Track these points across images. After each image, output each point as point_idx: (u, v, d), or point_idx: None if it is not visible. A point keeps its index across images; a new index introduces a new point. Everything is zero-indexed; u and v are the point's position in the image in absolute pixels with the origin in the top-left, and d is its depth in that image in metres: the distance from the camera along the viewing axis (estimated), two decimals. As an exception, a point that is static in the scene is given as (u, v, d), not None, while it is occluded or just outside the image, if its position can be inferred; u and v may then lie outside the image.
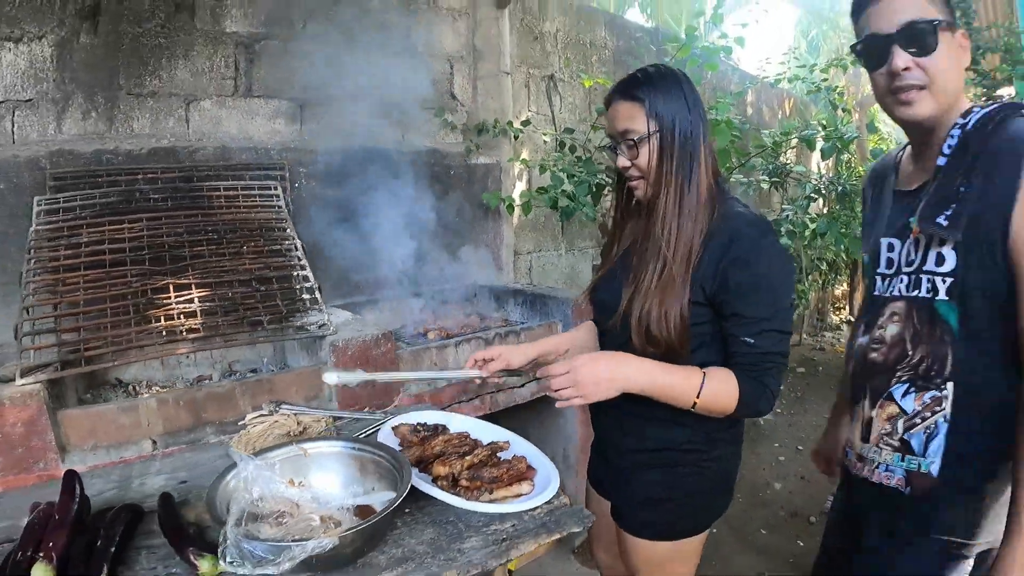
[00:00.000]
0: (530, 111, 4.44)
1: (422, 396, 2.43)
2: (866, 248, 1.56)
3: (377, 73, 3.33)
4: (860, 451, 1.47)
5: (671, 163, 1.48)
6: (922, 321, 1.33)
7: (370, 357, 2.26)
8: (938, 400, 1.31)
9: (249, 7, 3.01)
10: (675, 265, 1.46)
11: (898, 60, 1.28)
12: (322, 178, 3.14)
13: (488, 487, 1.43)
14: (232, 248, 2.35)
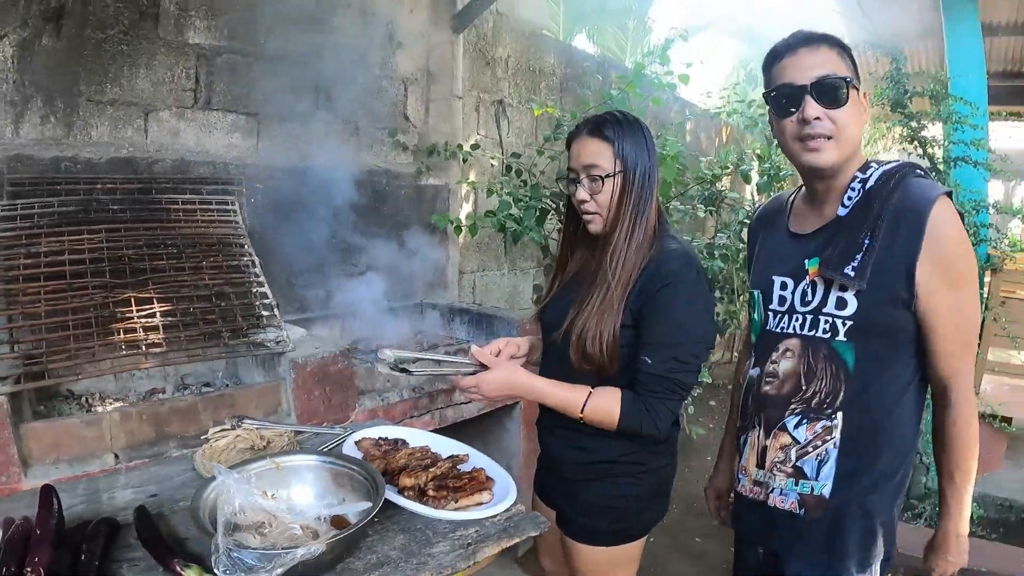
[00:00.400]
0: (479, 134, 4.55)
1: (376, 411, 2.49)
2: (756, 284, 1.64)
3: (333, 92, 3.39)
4: (755, 477, 1.56)
5: (629, 202, 1.63)
6: (817, 359, 1.44)
7: (328, 374, 2.31)
8: (829, 429, 1.44)
9: (213, 19, 3.01)
10: (616, 291, 1.61)
11: (810, 109, 1.38)
12: (277, 195, 3.17)
13: (453, 496, 1.51)
14: (191, 263, 2.37)
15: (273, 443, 1.89)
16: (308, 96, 3.31)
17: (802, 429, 1.46)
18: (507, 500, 1.52)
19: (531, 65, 5.00)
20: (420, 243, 3.85)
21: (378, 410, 2.50)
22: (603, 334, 1.60)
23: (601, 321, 1.60)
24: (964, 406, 1.40)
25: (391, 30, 3.75)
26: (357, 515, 1.36)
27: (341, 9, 3.42)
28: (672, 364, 1.58)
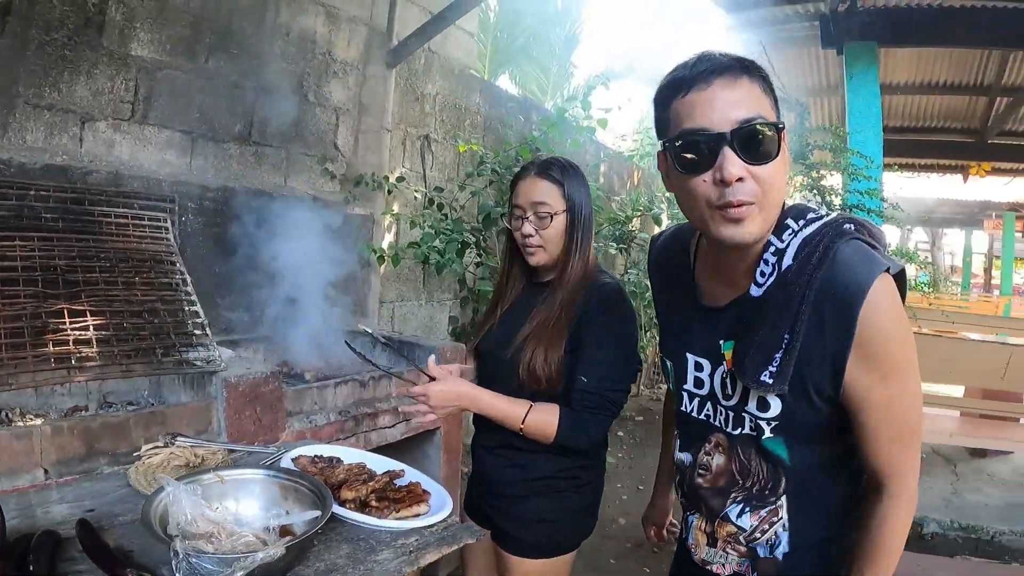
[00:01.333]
0: (404, 167, 4.65)
1: (304, 433, 2.51)
2: (668, 354, 1.43)
3: (268, 116, 3.43)
4: (704, 556, 1.39)
5: (576, 238, 1.81)
6: (749, 456, 1.27)
7: (259, 394, 2.34)
8: (774, 511, 1.27)
9: (157, 32, 3.00)
10: (562, 319, 1.77)
11: (731, 167, 1.04)
12: (207, 215, 3.16)
13: (394, 507, 1.60)
14: (124, 278, 2.36)
15: (207, 461, 1.91)
16: (243, 118, 3.34)
17: (746, 517, 1.29)
18: (444, 510, 1.62)
19: (457, 103, 5.16)
20: (344, 271, 3.89)
21: (306, 431, 2.53)
22: (551, 359, 1.76)
23: (550, 347, 1.76)
24: (898, 508, 1.18)
25: (327, 60, 3.83)
26: (303, 525, 1.41)
27: (281, 35, 3.49)
28: (606, 383, 1.74)
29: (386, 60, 4.13)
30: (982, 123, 7.57)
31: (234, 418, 2.25)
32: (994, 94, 6.81)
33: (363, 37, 4.06)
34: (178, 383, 2.44)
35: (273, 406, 2.39)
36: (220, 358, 2.33)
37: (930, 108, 7.56)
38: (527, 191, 1.83)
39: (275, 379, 2.42)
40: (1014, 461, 5.39)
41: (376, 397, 2.97)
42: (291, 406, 2.54)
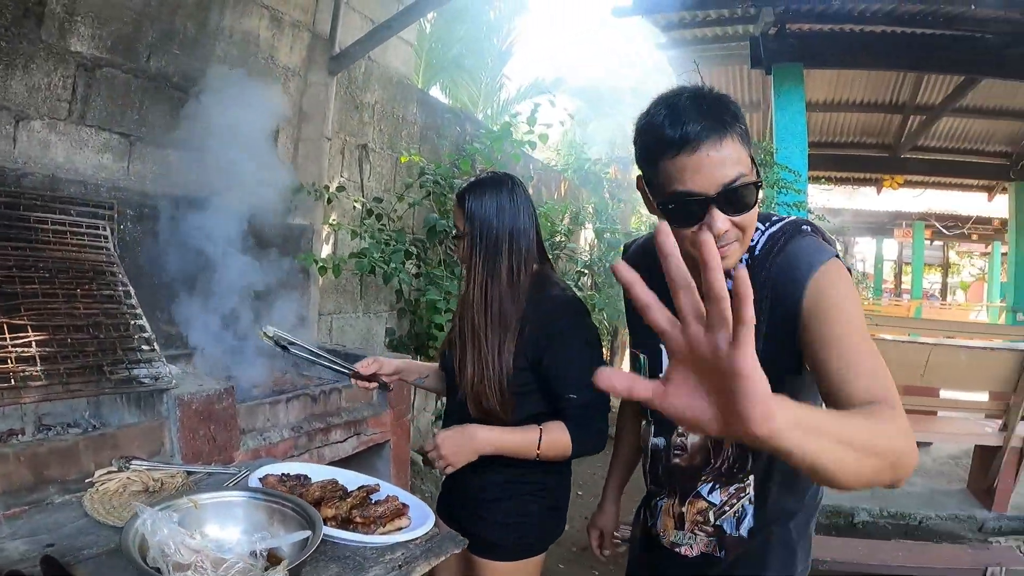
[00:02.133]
0: (342, 177, 4.56)
1: (259, 451, 2.42)
2: (640, 347, 1.55)
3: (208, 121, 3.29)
4: (673, 538, 1.52)
5: (478, 257, 1.82)
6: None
7: (213, 412, 2.23)
8: (742, 488, 1.42)
9: (98, 28, 2.83)
10: (488, 343, 1.79)
11: (719, 223, 1.18)
12: (145, 223, 3.01)
13: (378, 522, 1.57)
14: (65, 289, 2.20)
15: (166, 485, 1.81)
16: (182, 122, 3.20)
17: (716, 494, 1.44)
18: (427, 523, 1.60)
19: (395, 112, 5.11)
20: (284, 282, 3.77)
21: (260, 449, 2.43)
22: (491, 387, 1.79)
23: (483, 373, 1.80)
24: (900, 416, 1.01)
25: (270, 65, 3.72)
26: (291, 547, 1.36)
27: (224, 37, 3.36)
28: (587, 392, 1.75)
29: (328, 67, 4.04)
30: (896, 139, 7.98)
31: (188, 438, 2.14)
32: (908, 112, 7.21)
33: (306, 43, 3.96)
34: (120, 402, 2.29)
35: (227, 424, 2.29)
36: (170, 375, 2.21)
37: (848, 125, 7.96)
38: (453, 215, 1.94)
39: (229, 395, 2.31)
40: (934, 452, 5.71)
41: (327, 411, 2.89)
42: (244, 423, 2.44)
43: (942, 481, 5.13)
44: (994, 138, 8.07)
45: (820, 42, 4.92)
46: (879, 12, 4.52)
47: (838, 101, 7.14)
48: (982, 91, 6.19)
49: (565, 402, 1.78)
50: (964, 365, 4.52)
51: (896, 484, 0.93)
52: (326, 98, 4.09)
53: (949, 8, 4.38)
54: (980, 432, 4.68)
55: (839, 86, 6.77)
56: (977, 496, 4.71)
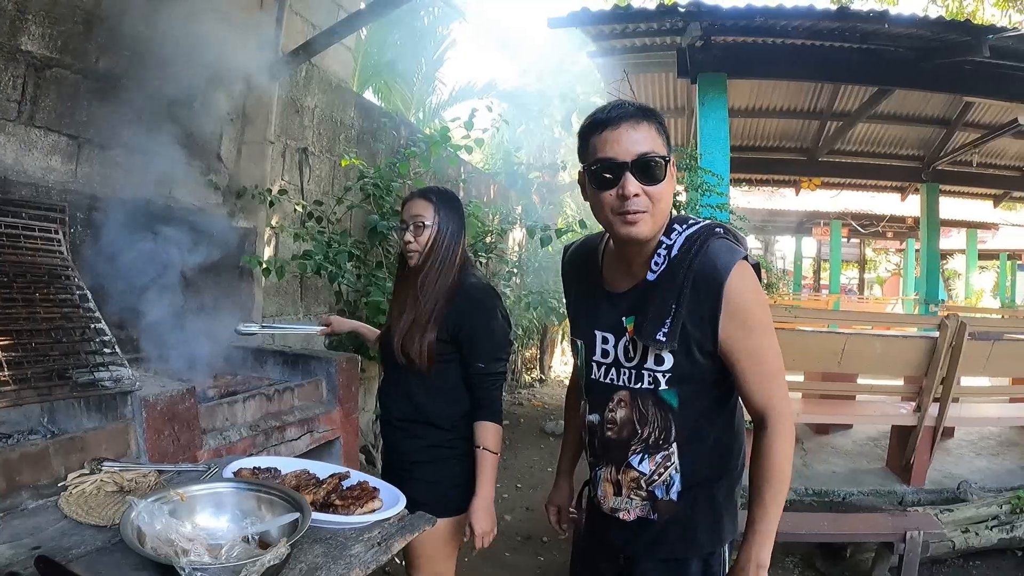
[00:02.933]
0: (283, 180, 4.58)
1: (220, 450, 2.47)
2: (579, 335, 1.75)
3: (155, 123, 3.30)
4: (613, 504, 1.69)
5: (440, 247, 2.26)
6: (647, 405, 1.59)
7: (176, 413, 2.27)
8: (668, 457, 1.60)
9: (50, 27, 2.82)
10: (424, 312, 2.22)
11: (630, 186, 1.44)
12: (95, 226, 3.00)
13: (357, 504, 1.71)
14: (23, 294, 2.20)
15: (139, 484, 1.87)
16: (131, 124, 3.20)
17: (645, 463, 1.62)
18: (400, 503, 1.78)
19: (334, 116, 5.16)
20: (228, 285, 3.80)
21: (221, 448, 2.48)
22: (418, 344, 2.21)
23: (414, 333, 2.22)
24: (780, 435, 1.51)
25: (215, 68, 3.73)
26: (280, 529, 1.45)
27: (172, 39, 3.36)
28: (497, 364, 2.27)
29: (272, 71, 4.06)
30: (814, 143, 8.37)
31: (154, 439, 2.18)
32: (825, 118, 7.62)
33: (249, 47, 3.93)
34: (77, 407, 2.29)
35: (190, 424, 2.34)
36: (132, 377, 2.24)
37: (768, 130, 8.34)
38: (410, 208, 2.31)
39: (190, 396, 2.36)
40: (854, 434, 6.10)
41: (282, 410, 2.97)
42: (205, 423, 2.48)
43: (863, 461, 5.47)
44: (907, 142, 8.56)
45: (743, 54, 5.20)
46: (800, 27, 4.78)
47: (759, 108, 7.50)
48: (896, 99, 6.63)
49: (474, 369, 2.23)
50: (878, 352, 4.90)
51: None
52: (269, 102, 4.12)
53: (864, 25, 4.68)
54: (896, 414, 5.05)
55: (760, 93, 7.12)
56: (896, 473, 5.04)
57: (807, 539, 3.72)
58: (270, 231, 4.37)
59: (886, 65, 5.16)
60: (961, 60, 4.84)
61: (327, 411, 3.20)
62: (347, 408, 3.33)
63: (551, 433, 6.93)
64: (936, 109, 7.42)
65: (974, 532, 4.00)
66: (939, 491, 4.78)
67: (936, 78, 5.26)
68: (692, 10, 4.58)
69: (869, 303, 20.15)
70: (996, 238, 18.31)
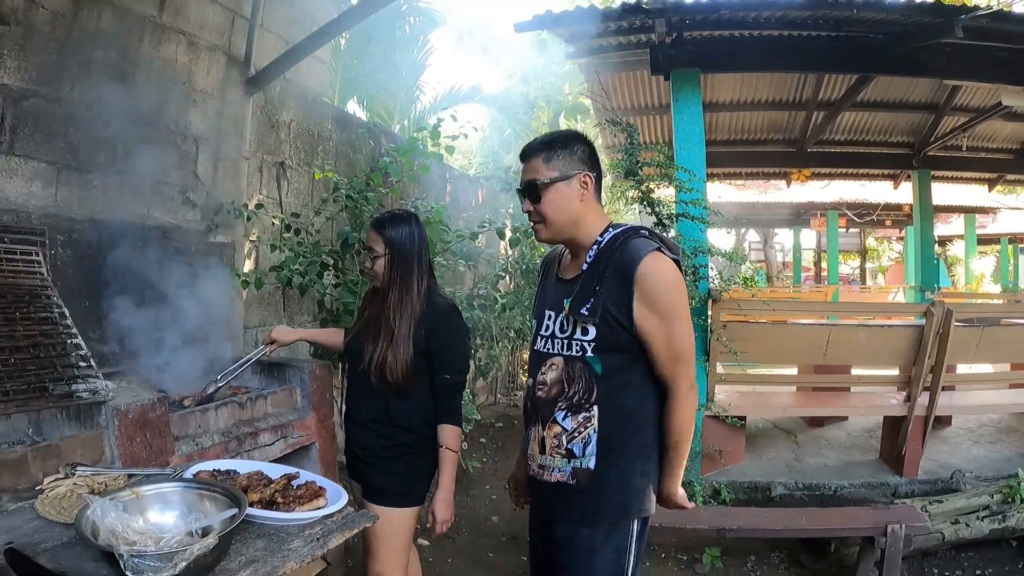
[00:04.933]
0: (261, 194, 4.74)
1: (192, 455, 2.62)
2: (534, 315, 2.13)
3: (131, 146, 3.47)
4: (540, 462, 2.00)
5: (397, 274, 2.49)
6: (574, 369, 1.91)
7: (148, 420, 2.43)
8: (588, 419, 1.89)
9: (24, 60, 2.97)
10: (400, 334, 2.43)
11: (524, 205, 1.99)
12: (75, 248, 3.16)
13: (298, 502, 1.86)
14: (4, 313, 2.38)
15: (109, 487, 2.03)
16: (106, 148, 3.36)
17: (568, 420, 1.91)
18: (341, 501, 1.93)
19: (311, 129, 5.31)
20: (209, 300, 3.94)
21: (194, 454, 2.63)
22: (397, 365, 2.41)
23: (393, 356, 2.42)
24: (680, 405, 1.90)
25: (188, 89, 3.89)
26: (220, 524, 1.61)
27: (144, 63, 3.53)
28: (459, 376, 2.55)
29: (245, 89, 4.22)
30: (801, 134, 8.41)
31: (126, 445, 2.35)
32: (811, 109, 7.67)
33: (222, 66, 4.14)
34: (60, 417, 2.46)
35: (161, 431, 2.50)
36: (107, 388, 2.41)
37: (754, 123, 8.40)
38: (367, 236, 2.57)
39: (161, 405, 2.52)
40: (849, 426, 6.08)
41: (255, 416, 3.12)
42: (177, 430, 2.65)
43: (856, 453, 5.48)
44: (896, 129, 8.58)
45: (716, 48, 5.24)
46: (771, 18, 4.81)
47: (744, 101, 7.55)
48: (881, 87, 6.66)
49: (440, 379, 2.49)
50: (863, 343, 4.92)
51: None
52: (243, 118, 4.28)
53: (836, 13, 4.70)
54: (885, 404, 5.08)
55: (744, 87, 7.18)
56: (889, 464, 5.04)
57: (784, 535, 3.78)
58: (249, 244, 4.52)
59: (863, 52, 5.18)
60: (937, 43, 4.83)
61: (301, 417, 3.36)
62: (322, 414, 3.49)
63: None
64: (923, 95, 7.44)
65: (964, 523, 3.99)
66: (932, 481, 4.75)
67: (915, 63, 5.26)
68: (656, 6, 4.62)
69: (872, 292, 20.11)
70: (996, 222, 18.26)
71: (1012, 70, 5.27)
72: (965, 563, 3.98)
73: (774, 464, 5.21)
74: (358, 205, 4.99)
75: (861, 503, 4.32)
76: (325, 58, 5.67)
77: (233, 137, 4.25)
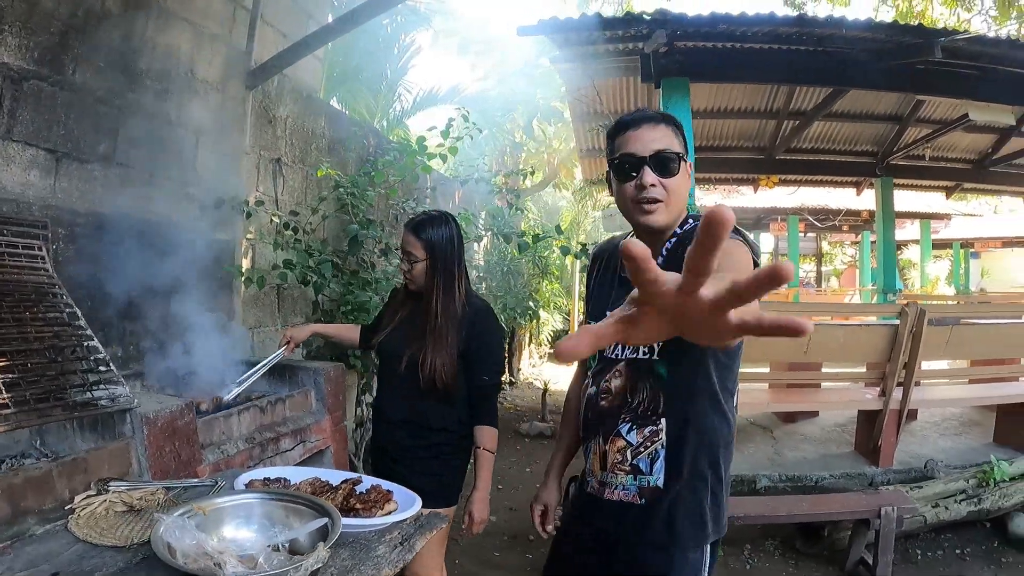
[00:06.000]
0: (258, 191, 4.52)
1: (219, 464, 2.44)
2: (594, 317, 1.86)
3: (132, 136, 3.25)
4: (600, 478, 1.76)
5: (439, 277, 2.47)
6: (639, 375, 1.68)
7: (176, 428, 2.24)
8: (655, 432, 1.66)
9: (27, 37, 2.72)
10: (448, 339, 2.43)
11: (648, 177, 1.61)
12: (77, 242, 2.94)
13: (377, 506, 1.74)
14: (14, 314, 2.15)
15: (148, 502, 1.84)
16: (108, 137, 3.14)
17: (633, 434, 1.69)
18: (416, 505, 1.80)
19: (306, 126, 5.11)
20: (209, 298, 3.73)
21: (220, 463, 2.45)
22: (446, 368, 2.41)
23: (442, 360, 2.41)
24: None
25: (190, 79, 3.68)
26: (308, 536, 1.45)
27: (147, 50, 3.31)
28: (496, 377, 2.56)
29: (246, 82, 4.02)
30: (771, 142, 8.55)
31: (155, 456, 2.14)
32: (782, 118, 7.79)
33: (223, 57, 3.93)
34: (71, 428, 2.24)
35: (189, 439, 2.30)
36: (130, 394, 2.20)
37: (726, 130, 8.48)
38: (404, 240, 2.53)
39: (189, 411, 2.33)
40: (821, 421, 6.23)
41: (275, 421, 2.95)
42: (203, 438, 2.45)
43: (832, 446, 5.62)
44: (861, 139, 8.81)
45: (705, 59, 5.30)
46: (759, 32, 4.91)
47: (719, 109, 7.64)
48: (850, 98, 6.81)
49: (480, 381, 2.50)
50: (842, 341, 5.02)
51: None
52: (243, 112, 4.08)
53: (821, 30, 4.84)
54: (862, 399, 5.21)
55: (719, 95, 7.26)
56: (865, 455, 5.20)
57: (786, 521, 3.90)
58: (247, 242, 4.31)
59: (842, 67, 5.33)
60: (913, 61, 5.04)
61: (317, 421, 3.19)
62: (335, 417, 3.33)
63: (526, 434, 6.97)
64: (889, 107, 7.66)
65: (944, 506, 4.19)
66: (907, 471, 4.93)
67: (890, 78, 5.44)
68: (658, 18, 4.70)
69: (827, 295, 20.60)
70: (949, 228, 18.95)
71: (979, 87, 5.54)
72: (945, 543, 4.22)
73: (756, 458, 5.30)
74: (357, 203, 4.85)
75: (843, 492, 4.46)
76: (320, 54, 5.48)
77: (234, 131, 4.04)
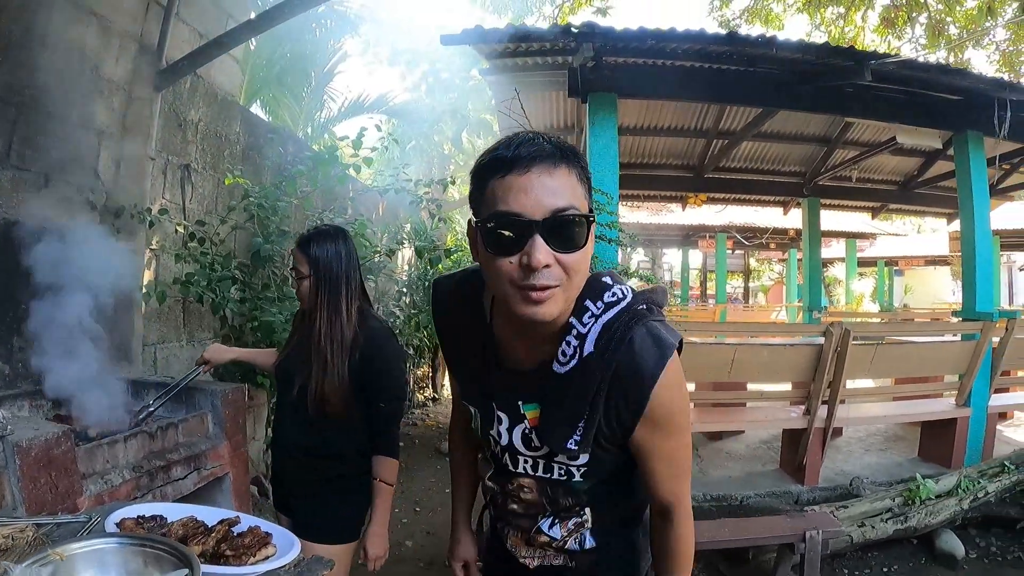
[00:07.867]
0: (164, 199, 4.33)
1: (102, 496, 2.30)
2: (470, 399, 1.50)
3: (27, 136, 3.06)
4: (525, 553, 1.55)
5: (323, 297, 2.31)
6: (557, 492, 1.42)
7: (53, 458, 2.08)
8: (580, 524, 1.46)
9: None
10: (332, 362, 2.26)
11: (539, 254, 1.09)
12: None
13: (249, 553, 1.59)
14: None
15: (16, 540, 1.69)
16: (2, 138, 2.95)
17: (556, 528, 1.46)
18: (296, 549, 1.65)
19: (219, 131, 4.95)
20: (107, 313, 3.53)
21: (104, 494, 2.30)
22: (335, 394, 2.25)
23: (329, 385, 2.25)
24: (684, 525, 1.40)
25: (94, 77, 3.48)
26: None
27: (49, 45, 3.12)
28: (396, 403, 2.40)
29: (155, 82, 3.83)
30: (700, 160, 8.69)
31: (30, 488, 1.99)
32: (711, 137, 7.95)
33: (132, 55, 3.74)
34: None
35: (68, 469, 2.15)
36: (5, 419, 2.05)
37: (655, 147, 8.60)
38: (293, 256, 2.41)
39: (67, 439, 2.17)
40: (746, 439, 6.35)
41: (166, 447, 2.79)
42: (84, 467, 2.30)
43: (757, 464, 5.70)
44: (789, 159, 9.05)
45: (634, 74, 5.33)
46: (689, 50, 4.94)
47: (648, 126, 7.74)
48: (779, 119, 6.98)
49: (376, 408, 2.33)
50: (766, 360, 5.15)
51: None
52: (151, 114, 3.88)
53: (752, 49, 4.91)
54: (787, 417, 5.32)
55: (649, 112, 7.36)
56: (790, 473, 5.29)
57: (708, 547, 3.80)
58: (150, 253, 4.12)
59: (771, 87, 5.43)
60: (844, 83, 5.16)
61: (214, 446, 3.04)
62: (235, 442, 3.17)
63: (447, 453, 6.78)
64: (818, 128, 7.92)
65: (870, 525, 4.23)
66: (832, 488, 5.01)
67: (819, 100, 5.55)
68: (585, 31, 4.66)
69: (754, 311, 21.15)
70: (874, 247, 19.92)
71: (907, 111, 5.74)
72: (872, 562, 4.23)
73: (680, 478, 5.36)
74: (267, 215, 4.69)
75: (768, 511, 4.46)
76: (239, 56, 5.29)
77: (139, 134, 3.83)
